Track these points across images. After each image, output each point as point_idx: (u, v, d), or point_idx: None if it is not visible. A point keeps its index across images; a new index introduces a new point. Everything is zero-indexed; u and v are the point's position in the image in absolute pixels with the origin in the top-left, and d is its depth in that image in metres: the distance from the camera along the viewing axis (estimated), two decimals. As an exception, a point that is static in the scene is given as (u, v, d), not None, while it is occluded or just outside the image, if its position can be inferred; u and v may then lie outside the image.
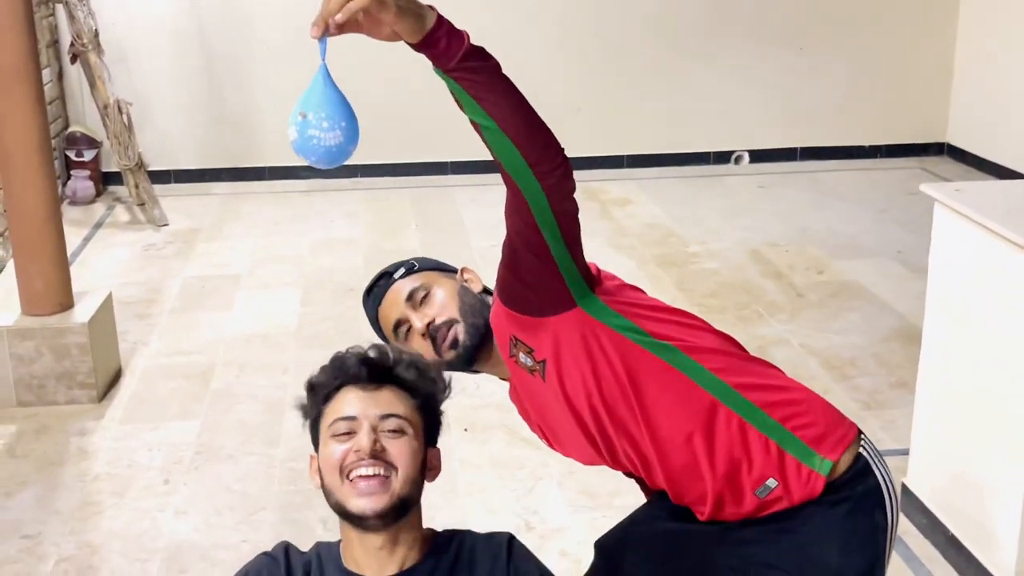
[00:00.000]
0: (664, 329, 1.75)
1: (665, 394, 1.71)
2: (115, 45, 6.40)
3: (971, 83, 7.02)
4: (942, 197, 2.86)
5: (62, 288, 3.94)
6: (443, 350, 1.81)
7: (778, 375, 1.82)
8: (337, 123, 1.48)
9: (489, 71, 1.56)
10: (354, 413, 1.53)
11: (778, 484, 1.70)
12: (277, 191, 6.65)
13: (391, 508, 1.50)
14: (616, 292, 1.78)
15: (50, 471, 3.51)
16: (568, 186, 1.66)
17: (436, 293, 1.84)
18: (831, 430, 1.74)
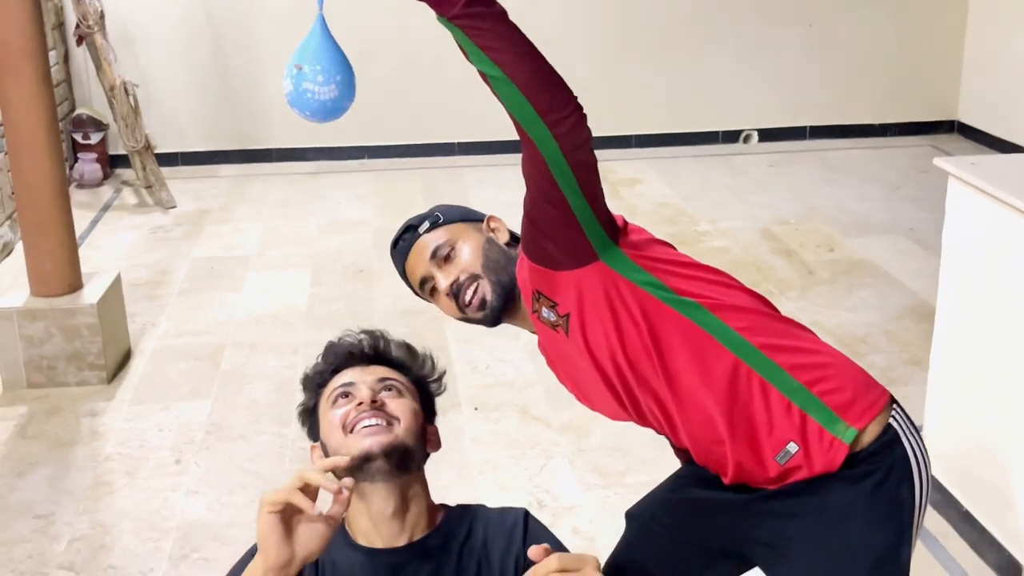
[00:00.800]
0: (690, 286, 1.71)
1: (688, 352, 1.68)
2: (121, 26, 6.38)
3: (982, 60, 6.96)
4: (957, 171, 2.84)
5: (71, 269, 3.93)
6: (469, 309, 1.79)
7: (807, 337, 1.77)
8: (332, 76, 1.43)
9: (495, 18, 1.52)
10: (351, 380, 1.58)
11: (799, 449, 1.66)
12: (285, 172, 6.63)
13: (395, 447, 1.49)
14: (642, 247, 1.74)
15: (61, 452, 3.51)
16: (582, 135, 1.61)
17: (461, 249, 1.80)
18: (859, 396, 1.69)
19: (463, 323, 1.88)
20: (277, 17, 6.66)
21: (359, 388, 1.55)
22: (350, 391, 1.55)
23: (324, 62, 1.41)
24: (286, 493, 1.33)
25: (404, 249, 1.87)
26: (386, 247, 2.04)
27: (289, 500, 1.33)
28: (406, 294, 5.61)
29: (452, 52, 1.62)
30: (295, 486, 1.34)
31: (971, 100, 7.12)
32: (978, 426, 2.86)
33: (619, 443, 3.46)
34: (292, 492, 1.33)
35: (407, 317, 4.42)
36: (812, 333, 1.80)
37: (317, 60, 1.41)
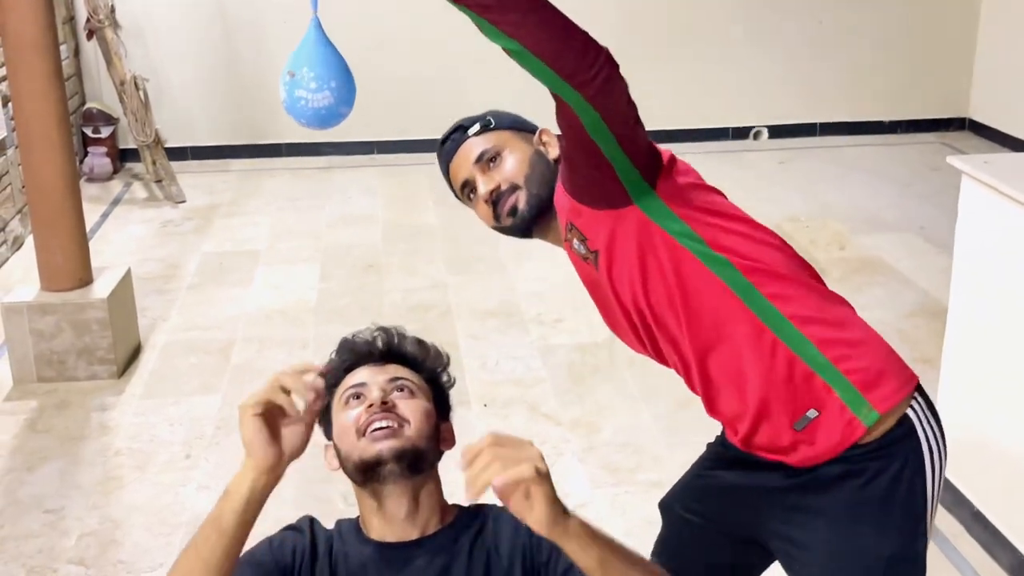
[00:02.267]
0: (726, 240, 1.66)
1: (714, 311, 1.65)
2: (131, 21, 6.38)
3: (994, 58, 6.93)
4: (970, 170, 2.82)
5: (81, 263, 3.94)
6: (502, 216, 1.77)
7: (843, 312, 1.72)
8: (326, 83, 1.39)
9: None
10: (363, 380, 1.57)
11: (818, 415, 1.65)
12: (295, 167, 6.63)
13: (406, 451, 1.48)
14: (684, 192, 1.68)
15: (71, 446, 3.52)
16: (614, 91, 1.55)
17: (507, 158, 1.77)
18: (886, 380, 1.66)
19: (498, 232, 1.84)
20: (287, 11, 6.65)
21: (370, 389, 1.54)
22: (362, 392, 1.55)
23: (318, 67, 1.38)
24: (265, 393, 1.37)
25: (450, 149, 1.83)
26: (395, 242, 2.03)
27: (269, 398, 1.36)
28: (416, 288, 5.63)
29: (462, 46, 1.62)
30: (273, 387, 1.37)
31: (982, 97, 7.08)
32: (990, 426, 2.85)
33: (629, 439, 3.45)
34: (272, 391, 1.36)
35: (417, 312, 4.42)
36: (850, 307, 1.75)
37: (310, 66, 1.38)
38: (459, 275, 4.88)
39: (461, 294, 4.67)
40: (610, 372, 3.92)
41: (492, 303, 4.56)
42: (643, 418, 3.55)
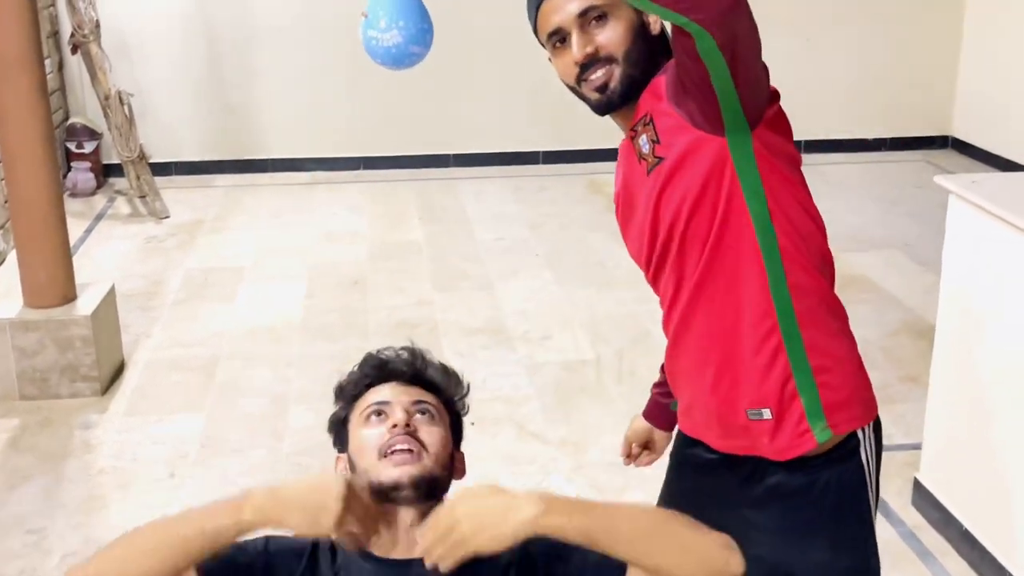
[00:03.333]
0: (786, 213, 1.61)
1: (734, 272, 1.62)
2: (116, 35, 6.36)
3: (976, 76, 6.98)
4: (958, 189, 2.83)
5: (65, 280, 3.91)
6: (588, 87, 1.63)
7: (840, 323, 1.71)
8: (395, 22, 1.39)
9: None
10: (387, 398, 1.56)
11: (771, 420, 1.65)
12: (280, 183, 6.61)
13: (424, 478, 1.48)
14: (775, 147, 1.61)
15: (54, 465, 3.48)
16: (736, 27, 1.44)
17: (612, 23, 1.60)
18: (851, 404, 1.68)
19: (569, 91, 1.71)
20: (273, 27, 6.66)
21: (394, 408, 1.54)
22: (384, 410, 1.54)
23: (387, 7, 1.38)
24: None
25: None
26: (381, 259, 2.01)
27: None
28: (402, 306, 5.59)
29: (449, 63, 1.60)
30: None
31: (965, 116, 7.13)
32: (978, 443, 2.85)
33: (617, 458, 3.41)
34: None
35: (403, 329, 4.40)
36: (846, 318, 1.74)
37: (380, 6, 1.38)
38: (445, 292, 4.87)
39: (447, 312, 4.65)
40: (598, 390, 3.91)
41: (479, 321, 4.55)
42: (630, 436, 3.54)
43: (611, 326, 4.41)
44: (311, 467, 3.40)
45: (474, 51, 6.41)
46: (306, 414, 3.70)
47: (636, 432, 2.10)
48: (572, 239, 5.47)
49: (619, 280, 4.75)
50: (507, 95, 6.59)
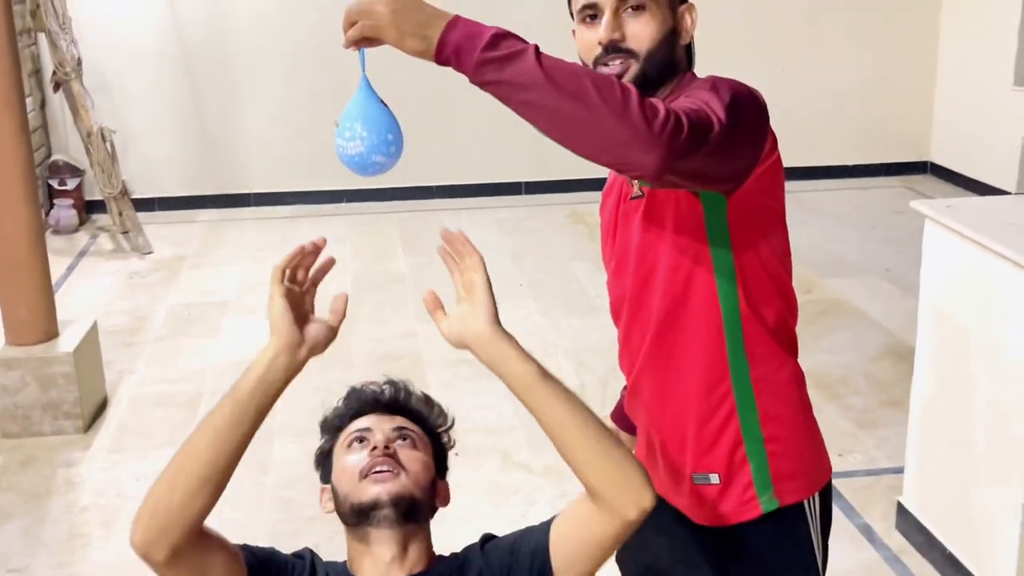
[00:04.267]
0: (754, 278, 1.59)
1: (693, 335, 1.62)
2: (98, 73, 6.38)
3: (953, 102, 7.06)
4: (933, 214, 2.86)
5: (47, 317, 3.90)
6: (603, 71, 1.56)
7: (798, 391, 1.71)
8: (358, 133, 1.45)
9: (509, 86, 1.33)
10: (368, 425, 1.59)
11: (719, 485, 1.65)
12: (262, 217, 6.62)
13: (403, 496, 1.50)
14: (755, 205, 1.57)
15: (36, 503, 3.46)
16: (685, 147, 1.34)
17: (647, 18, 1.55)
18: (801, 476, 1.67)
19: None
20: (254, 63, 6.69)
21: (374, 434, 1.57)
22: (366, 436, 1.57)
23: (352, 117, 1.45)
24: (274, 283, 1.43)
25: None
26: (365, 291, 2.03)
27: (281, 288, 1.43)
28: (386, 337, 5.58)
29: (431, 94, 1.62)
30: (275, 277, 1.45)
31: (943, 141, 7.21)
32: (960, 466, 2.86)
33: (601, 487, 3.44)
34: (276, 281, 1.43)
35: (387, 361, 4.40)
36: (804, 387, 1.73)
37: (347, 116, 1.46)
38: (429, 324, 4.80)
39: (431, 343, 4.65)
40: (581, 419, 3.90)
41: (463, 352, 4.54)
42: (615, 465, 3.54)
43: (595, 355, 4.42)
44: (295, 500, 3.39)
45: (456, 82, 6.40)
46: (290, 447, 3.69)
47: None
48: (555, 269, 5.49)
49: (602, 308, 4.75)
50: (489, 126, 6.61)
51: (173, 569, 1.42)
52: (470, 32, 1.33)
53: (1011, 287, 2.57)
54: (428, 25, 1.34)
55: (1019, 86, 6.38)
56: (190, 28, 6.61)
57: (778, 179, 1.62)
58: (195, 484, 1.40)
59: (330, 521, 3.35)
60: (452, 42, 1.34)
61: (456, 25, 1.34)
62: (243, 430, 1.41)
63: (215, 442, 1.41)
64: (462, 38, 1.33)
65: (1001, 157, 6.52)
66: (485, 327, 1.43)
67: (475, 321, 1.44)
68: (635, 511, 1.39)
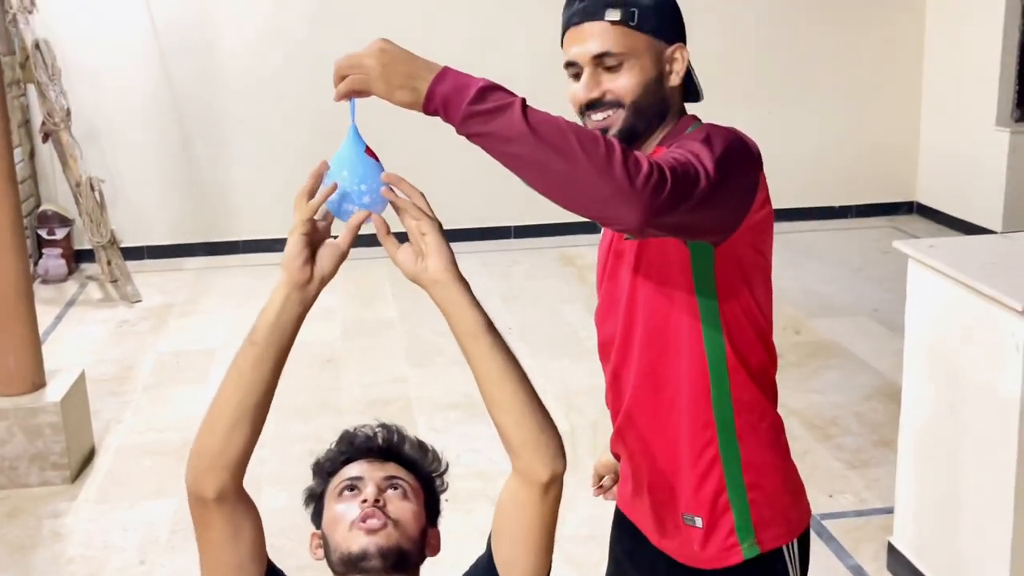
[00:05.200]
0: (739, 330, 1.60)
1: (678, 381, 1.63)
2: (87, 123, 6.41)
3: (937, 143, 7.14)
4: (916, 254, 2.88)
5: (34, 367, 3.88)
6: (589, 123, 1.59)
7: (779, 435, 1.72)
8: (338, 179, 1.48)
9: (495, 139, 1.35)
10: (359, 474, 1.59)
11: (703, 528, 1.66)
12: (251, 264, 6.63)
13: (391, 549, 1.50)
14: (741, 256, 1.57)
15: (22, 556, 3.42)
16: (667, 203, 1.35)
17: (625, 72, 1.55)
18: (780, 521, 1.68)
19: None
20: (243, 110, 6.73)
21: (366, 483, 1.56)
22: (357, 485, 1.57)
23: (339, 168, 1.48)
24: (300, 214, 1.45)
25: (580, 12, 1.58)
26: (355, 336, 2.03)
27: (306, 218, 1.45)
28: (376, 383, 5.56)
29: (418, 138, 1.63)
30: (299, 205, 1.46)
31: (929, 181, 7.27)
32: (949, 505, 2.86)
33: (593, 531, 3.42)
34: (300, 209, 1.45)
35: (376, 407, 4.38)
36: (784, 434, 1.74)
37: (334, 162, 1.49)
38: (419, 368, 4.86)
39: (422, 388, 4.65)
40: (573, 463, 3.87)
41: (453, 396, 4.54)
42: (607, 509, 3.51)
43: (585, 398, 4.41)
44: (284, 548, 3.36)
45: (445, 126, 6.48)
46: (279, 495, 3.66)
47: (604, 464, 2.07)
48: (545, 312, 5.50)
49: (592, 351, 4.74)
50: (477, 170, 6.64)
51: (218, 511, 1.51)
52: (458, 84, 1.35)
53: (995, 326, 2.58)
54: (416, 77, 1.36)
55: (1001, 127, 6.45)
56: (179, 78, 6.65)
57: (767, 233, 1.63)
58: (230, 424, 1.49)
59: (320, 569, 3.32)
60: (440, 94, 1.36)
61: (444, 77, 1.36)
62: (267, 367, 1.48)
63: (241, 384, 1.48)
64: (450, 90, 1.35)
65: (985, 196, 6.59)
66: (442, 271, 1.43)
67: (433, 261, 1.43)
68: (547, 473, 1.48)
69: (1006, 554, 2.60)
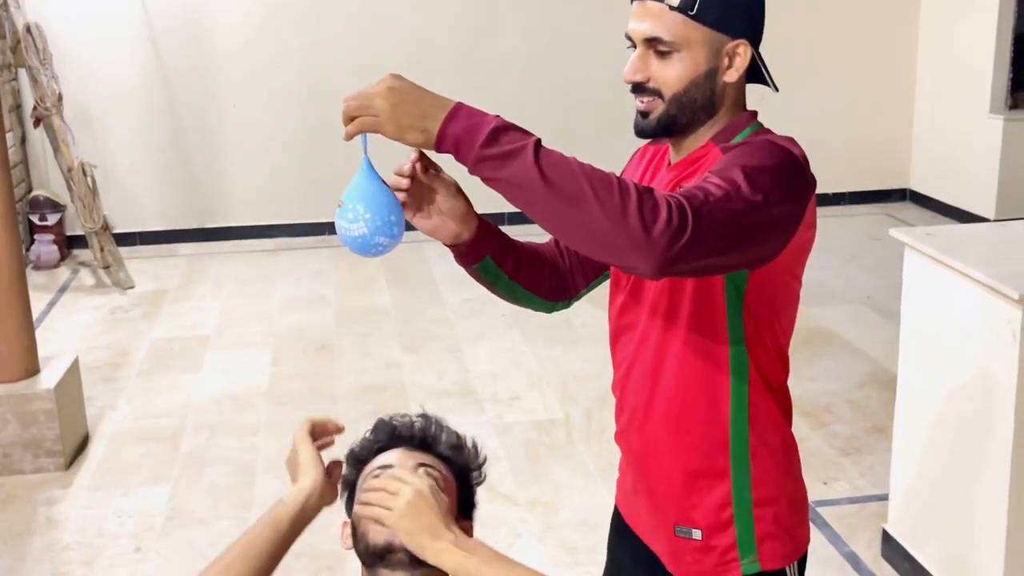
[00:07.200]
0: (767, 342, 1.56)
1: (700, 386, 1.59)
2: (79, 108, 6.38)
3: (931, 130, 7.13)
4: (912, 241, 2.88)
5: (27, 353, 3.87)
6: (636, 102, 1.55)
7: (791, 456, 1.68)
8: (361, 215, 1.48)
9: (507, 184, 1.33)
10: (391, 462, 1.55)
11: (701, 542, 1.62)
12: (244, 250, 6.61)
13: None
14: (774, 280, 1.53)
15: (17, 543, 3.42)
16: (685, 251, 1.31)
17: (675, 63, 1.50)
18: (786, 539, 1.64)
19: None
20: (235, 96, 6.70)
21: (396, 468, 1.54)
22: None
23: (355, 200, 1.48)
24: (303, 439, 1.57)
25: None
26: (348, 324, 2.01)
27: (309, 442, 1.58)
28: (369, 369, 5.56)
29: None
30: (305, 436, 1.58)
31: (922, 169, 7.27)
32: (943, 492, 2.87)
33: (588, 518, 3.42)
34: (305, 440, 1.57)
35: (370, 393, 4.38)
36: (797, 453, 1.70)
37: (350, 198, 1.48)
38: (413, 355, 4.86)
39: (415, 375, 4.64)
40: (568, 450, 3.90)
41: (447, 383, 4.54)
42: (602, 496, 3.53)
43: (579, 385, 4.42)
44: (279, 536, 3.36)
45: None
46: (273, 482, 3.67)
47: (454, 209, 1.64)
48: (538, 299, 5.48)
49: (586, 338, 4.77)
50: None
51: None
52: (469, 125, 1.32)
53: (991, 314, 2.59)
54: (427, 117, 1.34)
55: (995, 114, 6.45)
56: (171, 63, 6.62)
57: (805, 255, 1.58)
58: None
59: (315, 558, 3.35)
60: (451, 135, 1.33)
61: (456, 116, 1.33)
62: (279, 553, 1.53)
63: (248, 561, 1.53)
64: (461, 131, 1.33)
65: (979, 184, 6.59)
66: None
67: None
68: None
69: (1000, 541, 2.61)
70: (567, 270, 1.76)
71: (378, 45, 6.59)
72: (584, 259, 1.73)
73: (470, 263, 1.64)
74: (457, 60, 6.56)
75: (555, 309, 1.80)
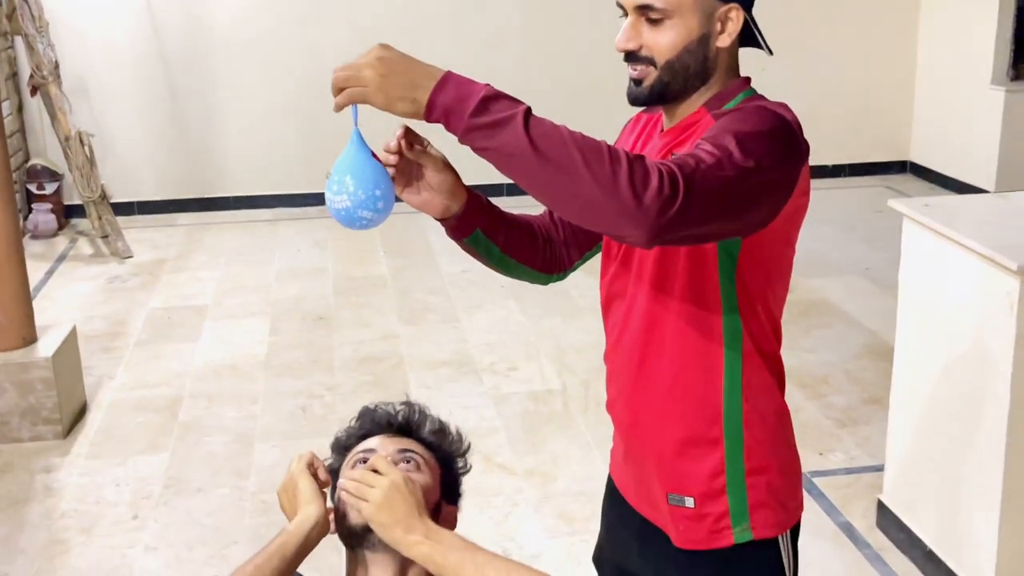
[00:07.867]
0: (757, 312, 1.55)
1: (689, 363, 1.58)
2: (76, 76, 6.35)
3: (931, 102, 7.10)
4: (911, 212, 2.88)
5: (25, 322, 3.87)
6: (629, 70, 1.54)
7: (784, 420, 1.67)
8: (346, 187, 1.46)
9: (497, 154, 1.33)
10: (373, 447, 1.57)
11: (693, 508, 1.62)
12: (242, 220, 6.60)
13: None
14: (772, 258, 1.54)
15: (15, 510, 3.43)
16: (677, 218, 1.30)
17: (667, 29, 1.50)
18: (778, 508, 1.64)
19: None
20: (233, 66, 6.66)
21: (377, 455, 1.53)
22: (368, 457, 1.54)
23: (341, 172, 1.47)
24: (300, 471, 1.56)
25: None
26: (346, 294, 2.01)
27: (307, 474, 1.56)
28: (367, 340, 5.56)
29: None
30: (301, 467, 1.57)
31: (923, 141, 7.25)
32: (939, 464, 2.88)
33: (584, 488, 3.44)
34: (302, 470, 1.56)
35: (368, 364, 4.39)
36: (790, 422, 1.69)
37: (337, 169, 1.47)
38: (411, 326, 4.86)
39: (413, 345, 4.65)
40: (564, 420, 3.91)
41: (444, 353, 4.54)
42: (598, 466, 3.54)
43: (577, 356, 4.42)
44: (276, 504, 3.37)
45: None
46: (271, 451, 3.68)
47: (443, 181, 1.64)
48: (537, 270, 5.48)
49: (584, 309, 4.77)
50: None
51: None
52: (459, 94, 1.32)
53: (989, 285, 2.58)
54: (416, 87, 1.33)
55: (997, 85, 6.42)
56: (169, 31, 6.58)
57: (799, 221, 1.58)
58: None
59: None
60: (441, 105, 1.33)
61: (445, 85, 1.33)
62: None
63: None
64: (451, 101, 1.32)
65: (979, 156, 6.57)
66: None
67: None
68: None
69: (995, 512, 2.62)
70: (560, 242, 1.75)
71: (377, 13, 6.55)
72: (577, 230, 1.72)
73: (460, 236, 1.64)
74: (455, 31, 6.52)
75: (550, 281, 1.79)
